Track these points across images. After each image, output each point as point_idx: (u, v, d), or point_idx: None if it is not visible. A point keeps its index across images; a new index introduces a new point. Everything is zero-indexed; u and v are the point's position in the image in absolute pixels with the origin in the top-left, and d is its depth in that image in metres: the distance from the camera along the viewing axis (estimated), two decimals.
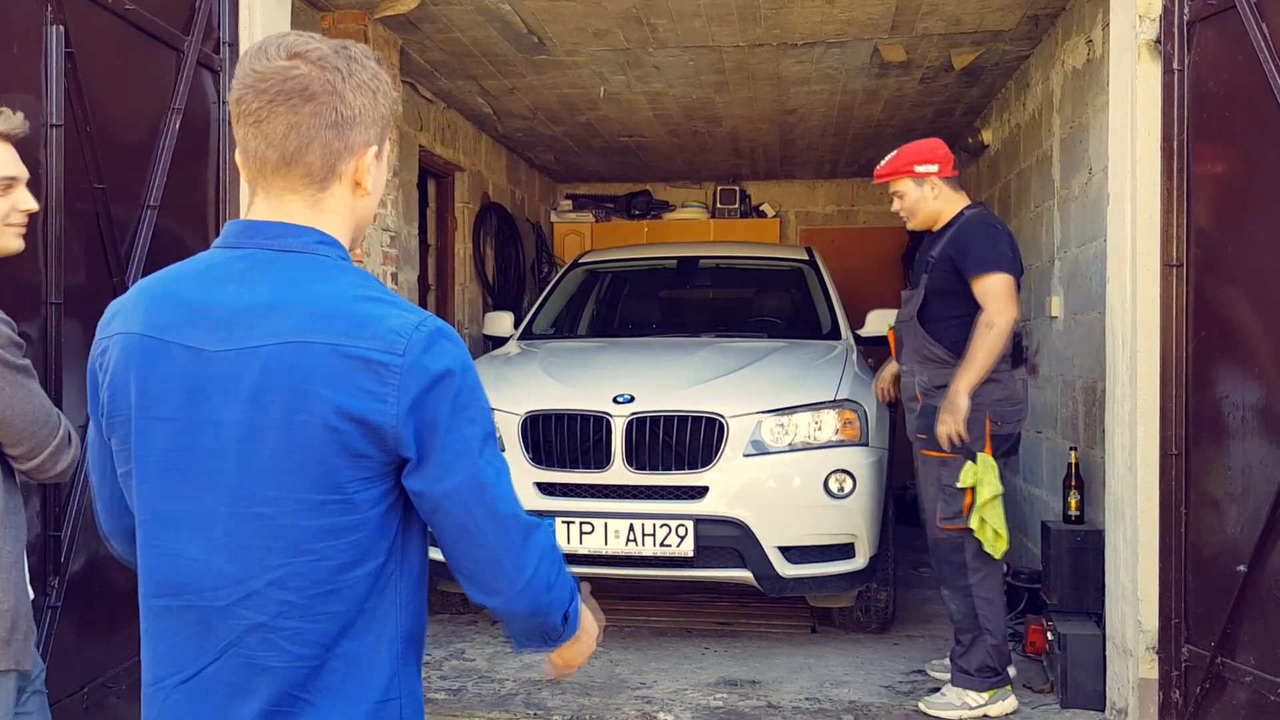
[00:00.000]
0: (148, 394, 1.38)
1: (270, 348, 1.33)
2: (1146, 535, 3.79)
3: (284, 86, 1.36)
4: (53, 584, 3.04)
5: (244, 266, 1.39)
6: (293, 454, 1.32)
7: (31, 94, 2.97)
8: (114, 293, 3.36)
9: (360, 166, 1.43)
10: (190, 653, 1.37)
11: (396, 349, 1.32)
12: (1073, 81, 5.30)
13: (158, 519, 1.39)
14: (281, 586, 1.34)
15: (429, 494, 1.35)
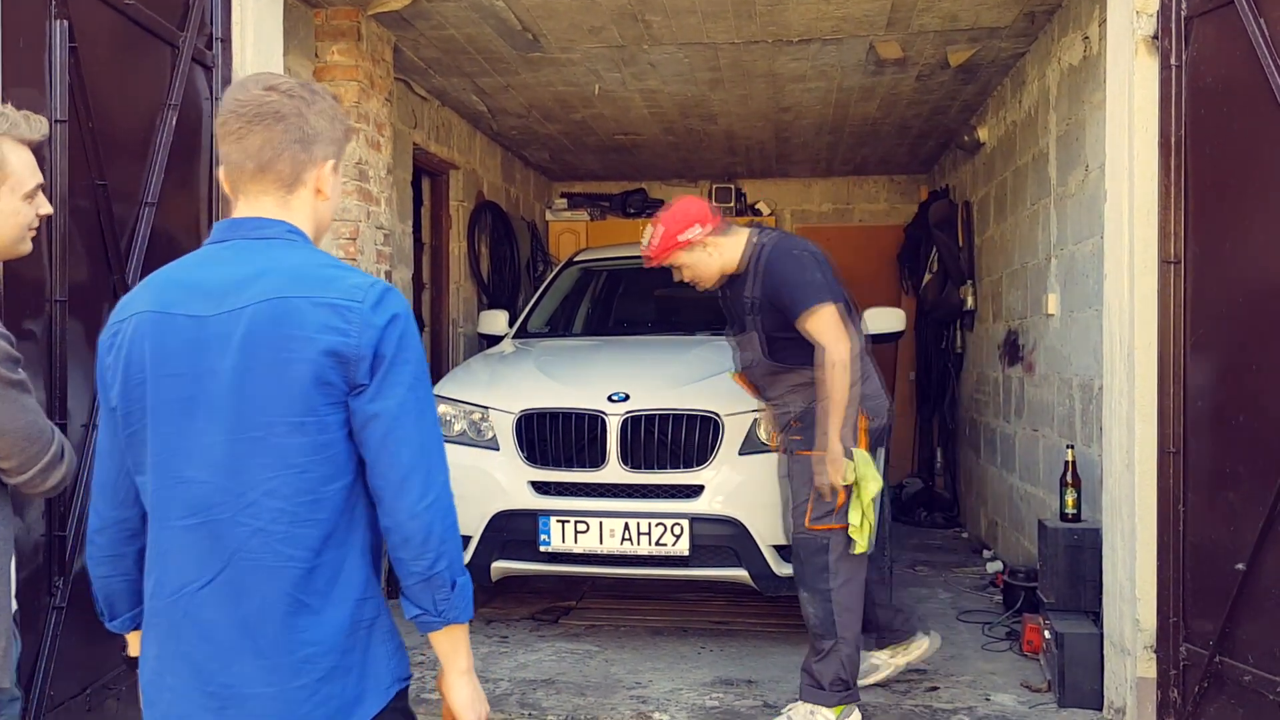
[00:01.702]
0: (159, 356, 1.71)
1: (255, 305, 1.67)
2: (1144, 533, 3.78)
3: (260, 110, 1.73)
4: (57, 584, 3.02)
5: (230, 253, 1.75)
6: (278, 385, 1.65)
7: (36, 89, 2.96)
8: (114, 289, 3.34)
9: (321, 175, 1.80)
10: (206, 561, 1.69)
11: (357, 298, 1.68)
12: (1069, 78, 5.29)
13: (174, 454, 1.70)
14: (274, 495, 1.66)
15: (365, 411, 1.67)
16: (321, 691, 1.69)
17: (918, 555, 7.09)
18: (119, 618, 1.93)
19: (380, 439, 1.68)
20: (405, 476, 1.69)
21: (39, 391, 2.95)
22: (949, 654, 4.86)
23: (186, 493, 1.70)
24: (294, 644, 1.68)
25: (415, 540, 1.70)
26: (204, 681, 1.70)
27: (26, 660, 2.90)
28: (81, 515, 3.12)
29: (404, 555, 1.71)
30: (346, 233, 5.51)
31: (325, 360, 1.65)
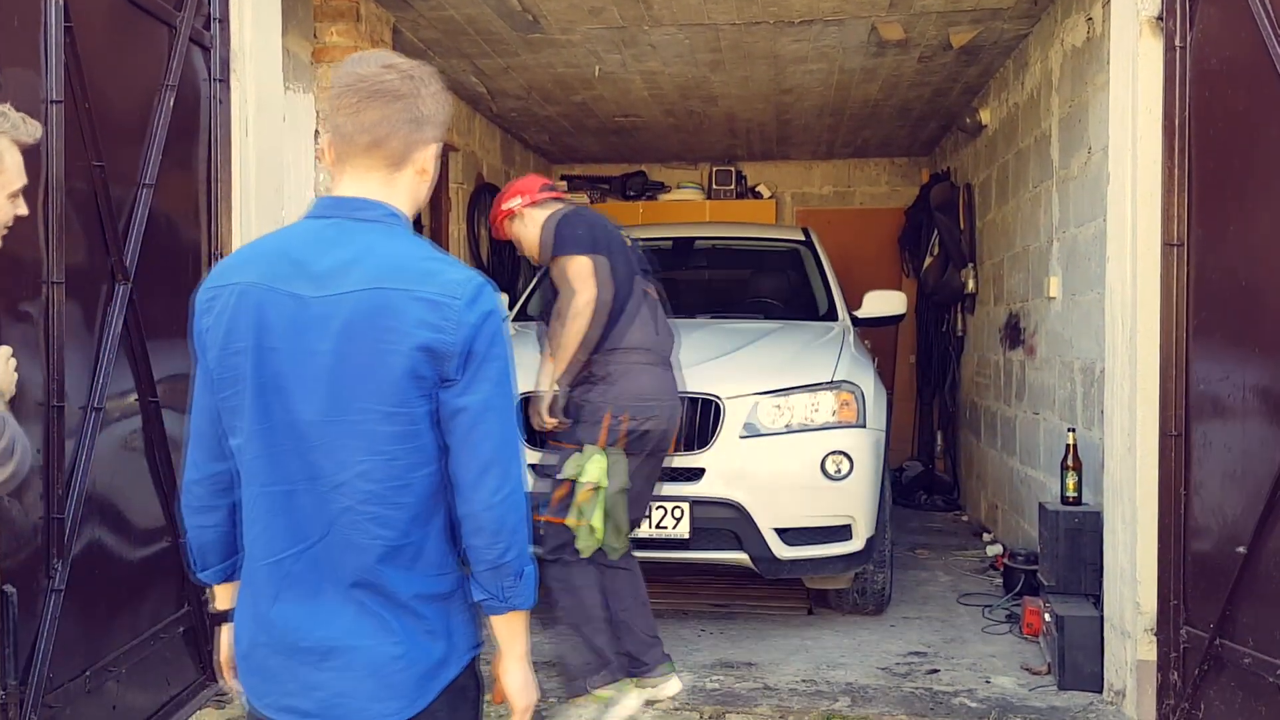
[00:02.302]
0: (263, 329, 1.76)
1: (356, 293, 1.72)
2: (1145, 516, 3.77)
3: (378, 87, 1.76)
4: (56, 567, 3.02)
5: (334, 233, 1.78)
6: (373, 375, 1.71)
7: (31, 69, 2.93)
8: (112, 271, 3.32)
9: (426, 156, 1.84)
10: (300, 531, 1.77)
11: (454, 294, 1.72)
12: (1072, 60, 5.26)
13: (270, 426, 1.77)
14: (365, 478, 1.73)
15: (453, 404, 1.73)
16: (413, 651, 1.79)
17: (918, 538, 7.09)
18: (210, 569, 1.98)
19: (465, 432, 1.75)
20: (484, 469, 1.76)
21: (36, 373, 2.94)
22: (949, 637, 4.87)
23: (282, 464, 1.77)
24: (386, 608, 1.78)
25: (488, 530, 1.77)
26: (301, 640, 1.80)
27: (25, 643, 2.90)
28: (80, 499, 3.11)
29: (477, 543, 1.79)
30: None
31: (419, 355, 1.70)
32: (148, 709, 3.58)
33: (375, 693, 1.78)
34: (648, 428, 3.89)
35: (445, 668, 1.84)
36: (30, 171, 2.89)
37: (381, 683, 1.78)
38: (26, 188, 2.32)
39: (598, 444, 3.81)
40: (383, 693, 1.78)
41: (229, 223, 4.05)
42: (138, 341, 3.44)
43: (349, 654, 1.78)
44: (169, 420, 3.66)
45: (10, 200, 2.25)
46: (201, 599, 3.90)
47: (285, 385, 1.75)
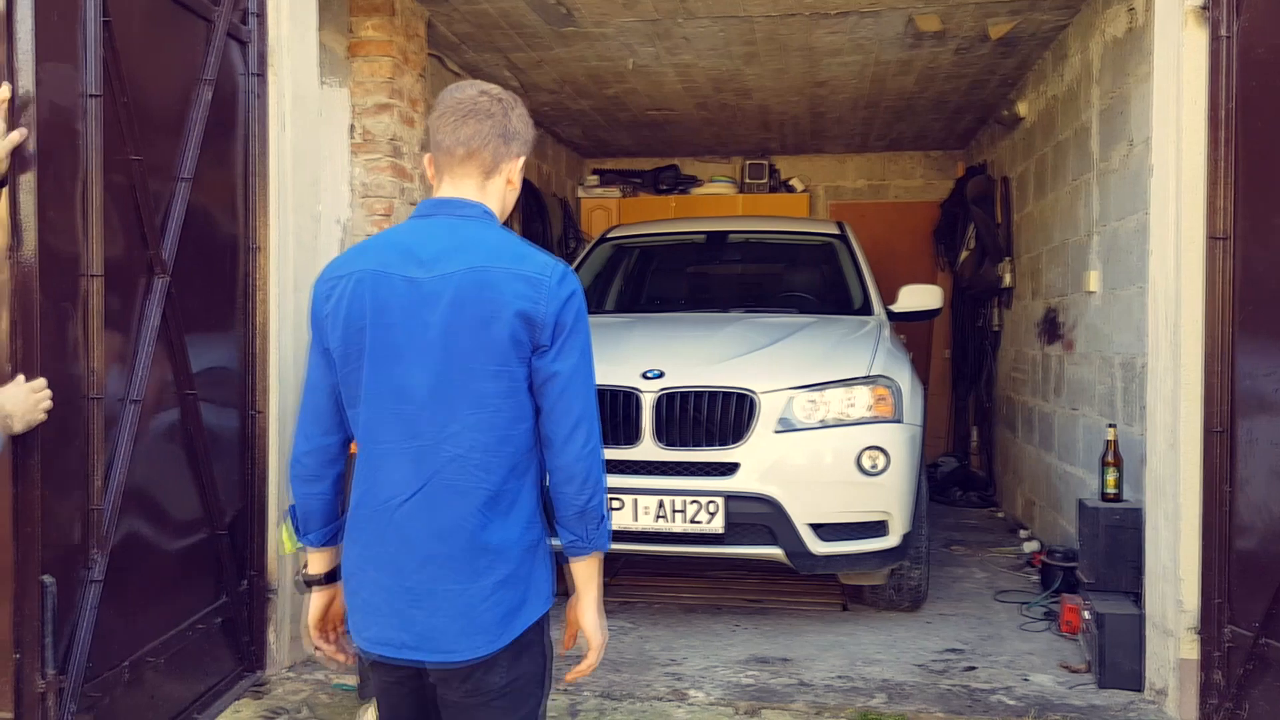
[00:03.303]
0: (378, 308, 2.04)
1: (462, 272, 2.01)
2: (1188, 514, 3.72)
3: (474, 108, 2.11)
4: (94, 558, 3.04)
5: (437, 226, 2.09)
6: (480, 340, 1.99)
7: (70, 63, 2.95)
8: (149, 265, 3.33)
9: (513, 168, 2.17)
10: (410, 479, 2.03)
11: (546, 274, 2.03)
12: (1113, 51, 5.19)
13: (386, 389, 2.04)
14: (473, 429, 2.01)
15: (547, 369, 2.02)
16: (497, 594, 2.03)
17: (953, 534, 7.04)
18: (311, 533, 2.23)
19: (558, 393, 2.03)
20: (575, 426, 2.04)
21: (74, 366, 2.96)
22: (986, 634, 4.82)
23: (396, 422, 2.04)
24: (478, 553, 2.02)
25: (578, 479, 2.06)
26: (402, 578, 2.04)
27: (64, 633, 2.92)
28: (119, 490, 3.14)
29: (567, 490, 2.07)
30: (380, 209, 5.50)
31: (518, 321, 1.99)
32: (186, 699, 3.60)
33: (464, 629, 2.03)
34: None
35: (525, 613, 2.08)
36: (68, 165, 2.93)
37: (470, 622, 2.03)
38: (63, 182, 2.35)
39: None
40: (470, 629, 2.03)
41: (265, 216, 4.06)
42: (175, 334, 3.46)
43: (443, 594, 2.02)
44: (206, 413, 3.68)
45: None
46: (239, 590, 3.93)
47: (402, 355, 2.03)
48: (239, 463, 3.96)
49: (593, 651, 2.16)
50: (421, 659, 2.05)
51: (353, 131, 5.48)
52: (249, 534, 4.01)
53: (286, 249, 4.16)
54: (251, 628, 3.98)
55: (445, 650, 2.03)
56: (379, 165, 5.48)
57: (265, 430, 4.08)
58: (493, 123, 2.11)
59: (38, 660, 2.82)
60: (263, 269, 4.06)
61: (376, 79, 5.47)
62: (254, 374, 4.03)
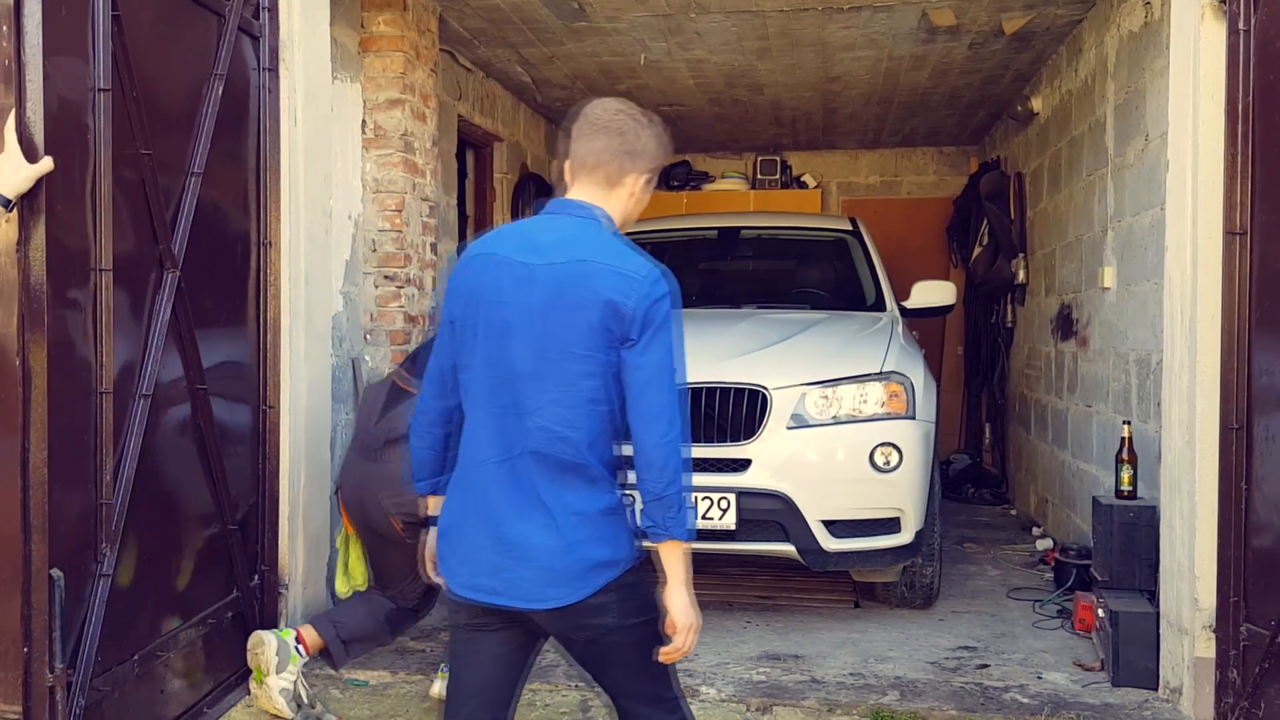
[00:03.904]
0: (494, 288, 2.30)
1: (567, 263, 2.26)
2: (1204, 511, 3.69)
3: (608, 124, 2.36)
4: (104, 552, 3.03)
5: (557, 222, 2.36)
6: (573, 324, 2.23)
7: (79, 57, 2.94)
8: (160, 260, 3.33)
9: (636, 182, 2.39)
10: (504, 443, 2.28)
11: (640, 273, 2.25)
12: (1129, 45, 5.15)
13: (492, 361, 2.29)
14: (558, 404, 2.24)
15: (634, 361, 2.23)
16: (578, 551, 2.25)
17: (965, 532, 7.01)
18: (422, 481, 2.55)
19: (642, 384, 2.23)
20: (656, 416, 2.22)
21: (84, 360, 2.96)
22: (999, 631, 4.80)
23: (498, 390, 2.28)
24: (561, 514, 2.24)
25: (655, 466, 2.22)
26: (494, 531, 2.28)
27: (73, 627, 2.92)
28: (128, 484, 3.12)
29: (646, 476, 2.23)
30: (392, 205, 5.49)
31: (608, 311, 2.21)
32: (197, 693, 3.61)
33: (546, 579, 2.25)
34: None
35: (608, 568, 2.28)
36: (77, 160, 2.92)
37: (551, 573, 2.25)
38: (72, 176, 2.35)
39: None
40: (551, 580, 2.25)
41: (277, 211, 4.06)
42: (186, 329, 3.45)
43: (529, 547, 2.25)
44: (218, 408, 3.68)
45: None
46: (251, 585, 3.93)
47: (509, 330, 2.27)
48: (251, 458, 3.96)
49: (679, 634, 2.30)
50: (508, 604, 2.29)
51: (365, 127, 5.47)
52: (261, 529, 4.01)
53: (298, 244, 4.15)
54: (263, 622, 3.98)
55: (529, 598, 2.27)
56: (391, 160, 5.48)
57: (277, 425, 4.07)
58: (622, 140, 2.34)
59: (46, 654, 2.82)
60: (274, 264, 4.06)
61: (388, 74, 5.46)
62: (265, 369, 4.03)
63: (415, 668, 4.20)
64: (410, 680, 4.09)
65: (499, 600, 2.29)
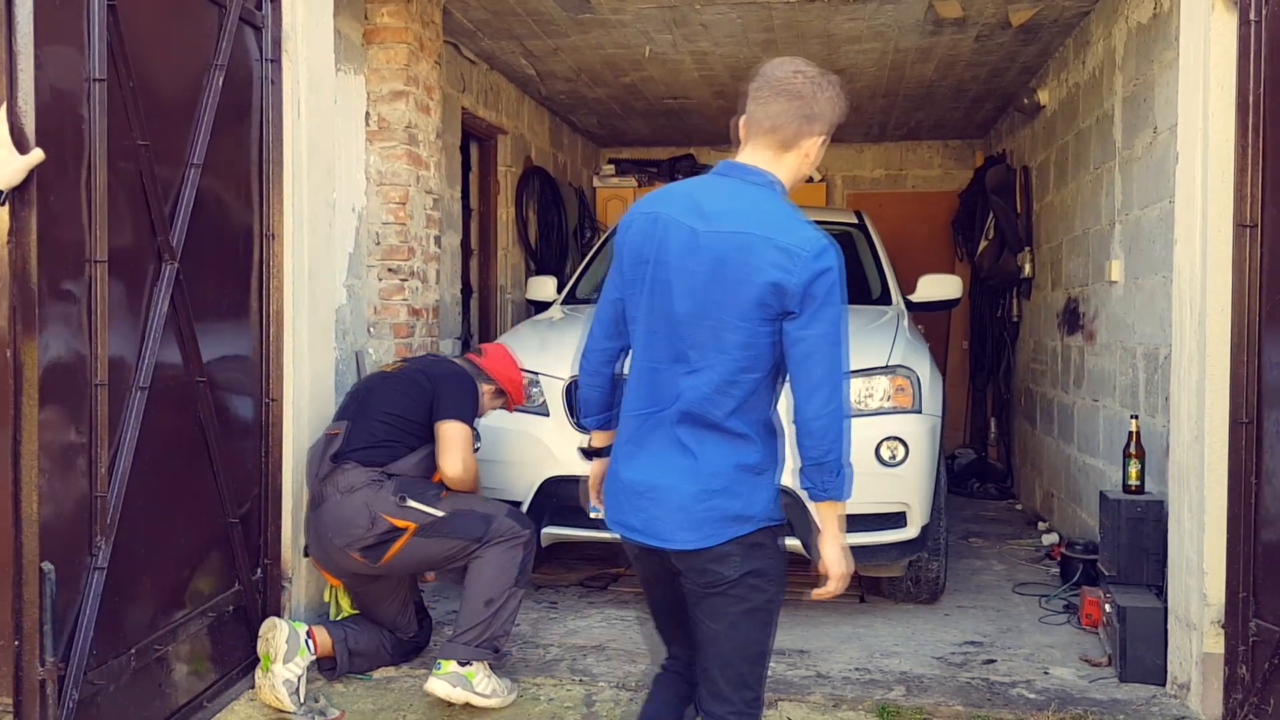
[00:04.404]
0: (662, 247, 2.41)
1: (731, 233, 2.34)
2: (1213, 506, 3.66)
3: (786, 86, 2.37)
4: (98, 544, 3.01)
5: (727, 187, 2.43)
6: (732, 295, 2.32)
7: (73, 47, 2.91)
8: (158, 251, 3.30)
9: (811, 144, 2.42)
10: (659, 397, 2.43)
11: (805, 247, 2.29)
12: (1137, 37, 5.11)
13: (654, 317, 2.43)
14: (710, 368, 2.36)
15: (795, 334, 2.31)
16: (713, 500, 2.38)
17: (971, 526, 6.98)
18: (589, 417, 2.74)
19: (803, 357, 2.31)
20: (816, 387, 2.31)
21: (78, 351, 2.93)
22: (1005, 627, 4.78)
23: (658, 346, 2.42)
24: (702, 465, 2.39)
25: (815, 434, 2.32)
26: (645, 474, 2.45)
27: (67, 620, 2.89)
28: (123, 477, 3.10)
29: (806, 443, 2.34)
30: (396, 197, 5.47)
31: (768, 288, 2.29)
32: (197, 686, 3.59)
33: (680, 523, 2.40)
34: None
35: (740, 523, 2.39)
36: (71, 150, 2.89)
37: (685, 517, 2.39)
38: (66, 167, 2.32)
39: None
40: (685, 523, 2.40)
41: (280, 203, 4.03)
42: (185, 321, 3.42)
43: (667, 492, 2.41)
44: (219, 400, 3.66)
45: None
46: (253, 578, 3.91)
47: (671, 290, 2.39)
48: (253, 451, 3.94)
49: (833, 580, 2.45)
50: (645, 541, 2.47)
51: (368, 119, 5.45)
52: (263, 522, 3.99)
53: (301, 236, 4.13)
54: (265, 616, 3.96)
55: (663, 538, 2.43)
56: (395, 153, 5.45)
57: (280, 418, 4.05)
58: (800, 103, 2.36)
59: (37, 647, 2.78)
60: (277, 256, 4.03)
61: (392, 66, 5.43)
62: (268, 362, 4.01)
63: (418, 662, 4.18)
64: (414, 675, 4.07)
65: (639, 538, 2.48)
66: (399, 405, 3.95)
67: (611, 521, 2.55)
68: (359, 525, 3.77)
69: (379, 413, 3.93)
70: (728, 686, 2.49)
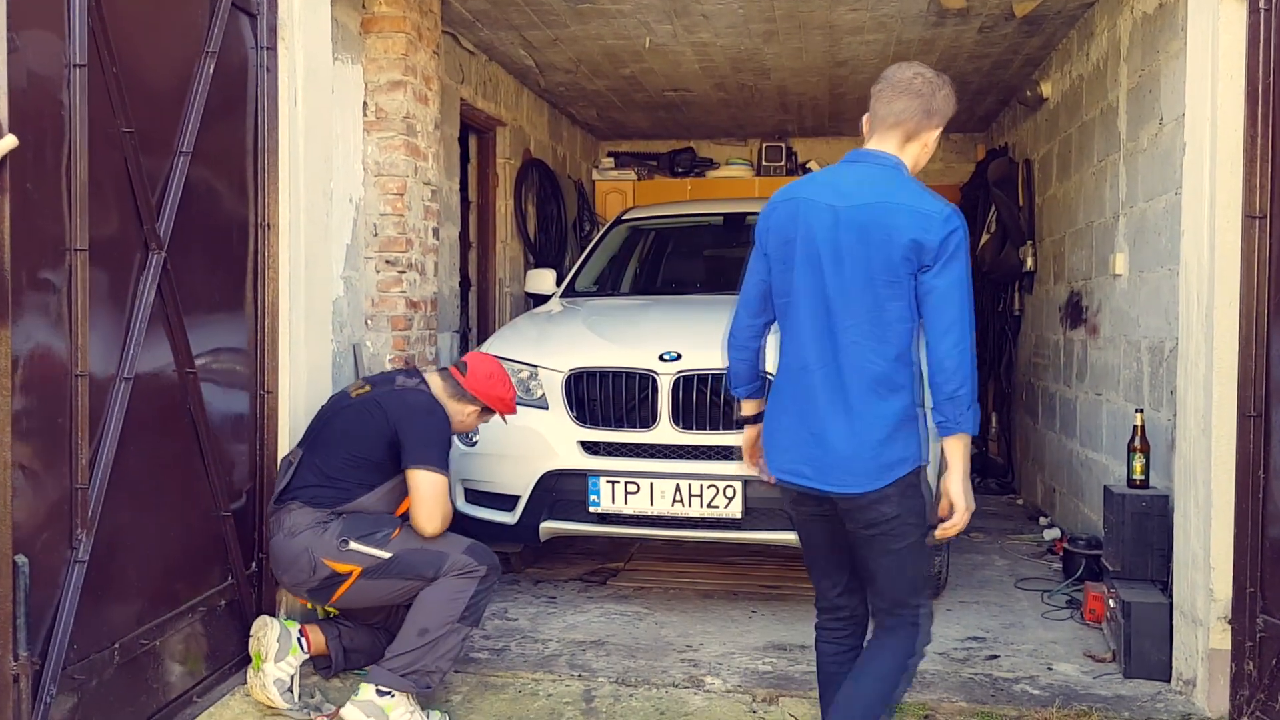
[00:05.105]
0: (808, 226, 2.76)
1: (872, 204, 2.70)
2: (1220, 500, 3.62)
3: (908, 86, 2.77)
4: (79, 537, 2.95)
5: (859, 171, 2.79)
6: (881, 256, 2.67)
7: (53, 31, 2.85)
8: (144, 241, 3.24)
9: (929, 136, 2.81)
10: (819, 354, 2.75)
11: (937, 212, 2.67)
12: (1143, 28, 5.06)
13: (808, 288, 2.76)
14: (868, 321, 2.69)
15: (929, 284, 2.66)
16: (876, 449, 2.70)
17: (972, 521, 6.89)
18: (740, 388, 3.07)
19: (936, 303, 2.66)
20: (947, 329, 2.65)
21: (57, 341, 2.86)
22: (1008, 622, 4.74)
23: (815, 314, 2.75)
24: (866, 414, 2.70)
25: (948, 370, 2.65)
26: (809, 426, 2.77)
27: (42, 615, 2.83)
28: (106, 469, 3.04)
29: (939, 380, 2.66)
30: (394, 188, 5.42)
31: (910, 245, 2.65)
32: (187, 681, 3.53)
33: (850, 469, 2.71)
34: None
35: (899, 466, 2.71)
36: (50, 137, 2.83)
37: (853, 464, 2.70)
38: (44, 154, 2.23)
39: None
40: (854, 469, 2.71)
41: (276, 193, 3.98)
42: (173, 311, 3.35)
43: (838, 442, 2.72)
44: (212, 392, 3.60)
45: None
46: (247, 573, 3.86)
47: (821, 263, 2.73)
48: (248, 443, 3.89)
49: (958, 514, 2.72)
50: (818, 487, 2.76)
51: (366, 109, 5.40)
52: (258, 516, 3.94)
53: (298, 227, 4.07)
54: (261, 611, 3.91)
55: (834, 484, 2.73)
56: (393, 144, 5.40)
57: (276, 410, 4.00)
58: (920, 101, 2.75)
59: (10, 641, 2.71)
60: (273, 247, 3.98)
61: (390, 55, 5.38)
62: (263, 353, 3.95)
63: None
64: None
65: (810, 484, 2.77)
66: (354, 444, 3.68)
67: (781, 472, 2.84)
68: (301, 569, 3.61)
69: (333, 450, 3.69)
70: (898, 605, 2.85)
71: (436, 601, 3.56)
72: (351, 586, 3.62)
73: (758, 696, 3.87)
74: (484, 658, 4.22)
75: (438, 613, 3.55)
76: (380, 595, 3.67)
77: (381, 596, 3.68)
